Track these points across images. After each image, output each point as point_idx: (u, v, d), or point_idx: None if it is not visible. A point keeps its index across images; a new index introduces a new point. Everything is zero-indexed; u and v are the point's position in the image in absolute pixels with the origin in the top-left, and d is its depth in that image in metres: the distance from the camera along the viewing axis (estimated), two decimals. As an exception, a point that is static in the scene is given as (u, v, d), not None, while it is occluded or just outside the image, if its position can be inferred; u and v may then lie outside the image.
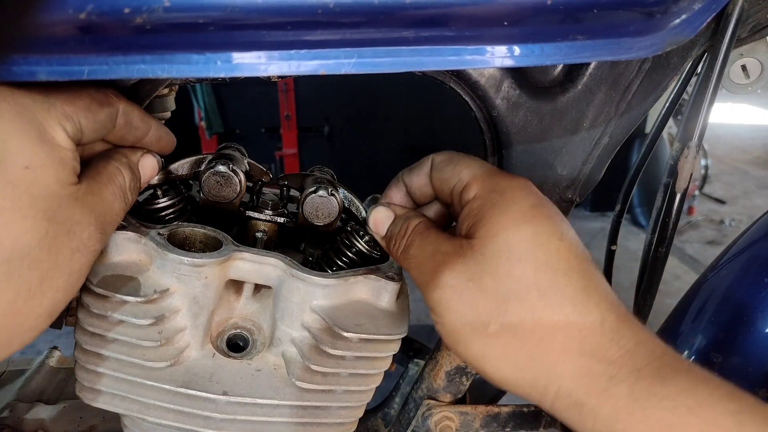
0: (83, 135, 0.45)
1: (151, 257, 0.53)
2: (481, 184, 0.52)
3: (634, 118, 0.62)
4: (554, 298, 0.47)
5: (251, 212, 0.62)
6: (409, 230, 0.54)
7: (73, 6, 0.38)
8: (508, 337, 0.47)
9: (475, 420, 0.80)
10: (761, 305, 0.69)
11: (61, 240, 0.42)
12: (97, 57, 0.41)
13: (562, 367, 0.46)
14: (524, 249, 0.48)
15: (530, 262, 0.47)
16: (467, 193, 0.52)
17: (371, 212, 0.58)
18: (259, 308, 0.60)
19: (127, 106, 0.50)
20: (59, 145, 0.42)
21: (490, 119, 0.61)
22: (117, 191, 0.48)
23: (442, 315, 0.49)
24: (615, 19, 0.47)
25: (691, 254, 3.90)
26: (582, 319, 0.47)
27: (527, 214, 0.49)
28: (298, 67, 0.43)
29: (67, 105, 0.44)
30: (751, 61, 0.65)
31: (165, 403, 0.55)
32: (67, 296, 0.44)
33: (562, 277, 0.48)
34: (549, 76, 0.60)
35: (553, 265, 0.48)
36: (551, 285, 0.47)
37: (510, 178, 0.52)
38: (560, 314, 0.47)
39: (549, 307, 0.47)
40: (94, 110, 0.46)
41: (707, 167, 4.70)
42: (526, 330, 0.47)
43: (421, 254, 0.52)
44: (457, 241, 0.51)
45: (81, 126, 0.45)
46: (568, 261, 0.48)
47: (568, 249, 0.49)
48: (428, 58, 0.45)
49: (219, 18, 0.40)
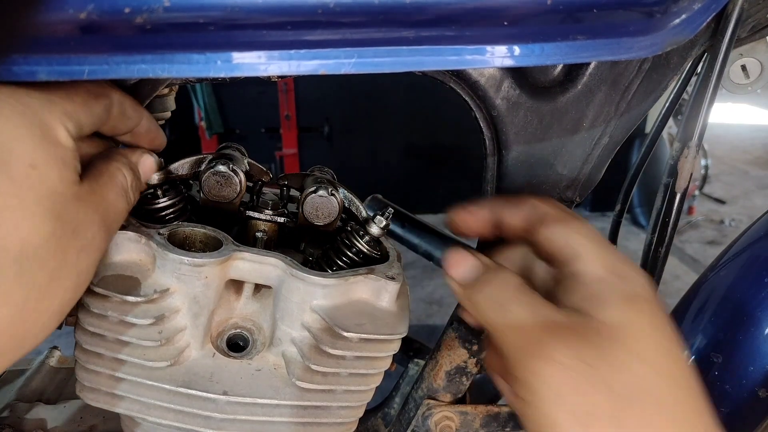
0: (82, 130, 0.45)
1: (151, 257, 0.53)
2: (600, 260, 0.47)
3: (634, 118, 0.62)
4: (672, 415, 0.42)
5: (251, 212, 0.62)
6: (509, 285, 0.48)
7: (73, 6, 0.38)
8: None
9: (475, 420, 0.80)
10: (761, 305, 0.69)
11: (67, 239, 0.41)
12: (97, 57, 0.41)
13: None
14: (654, 351, 0.43)
15: (657, 368, 0.42)
16: (581, 265, 0.47)
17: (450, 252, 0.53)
18: (259, 308, 0.60)
19: (120, 96, 0.50)
20: (62, 144, 0.42)
21: (490, 119, 0.61)
22: (119, 190, 0.48)
23: (540, 395, 0.42)
24: (615, 19, 0.47)
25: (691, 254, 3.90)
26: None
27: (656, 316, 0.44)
28: (298, 67, 0.43)
29: (66, 102, 0.43)
30: (751, 61, 0.65)
31: (165, 402, 0.55)
32: (76, 296, 0.44)
33: (681, 391, 0.43)
34: (549, 76, 0.60)
35: (676, 376, 0.43)
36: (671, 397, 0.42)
37: (629, 263, 0.47)
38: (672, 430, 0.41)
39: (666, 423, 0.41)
40: (91, 104, 0.46)
41: (707, 167, 4.70)
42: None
43: (524, 315, 0.45)
44: (571, 313, 0.44)
45: (81, 122, 0.45)
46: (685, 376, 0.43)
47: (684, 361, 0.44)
48: (428, 58, 0.45)
49: (219, 18, 0.40)
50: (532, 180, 0.63)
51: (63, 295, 0.42)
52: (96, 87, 0.47)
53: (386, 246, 0.64)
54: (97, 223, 0.45)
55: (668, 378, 0.42)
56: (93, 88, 0.47)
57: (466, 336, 0.78)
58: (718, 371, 0.71)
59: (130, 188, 0.50)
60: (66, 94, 0.44)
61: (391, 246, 0.64)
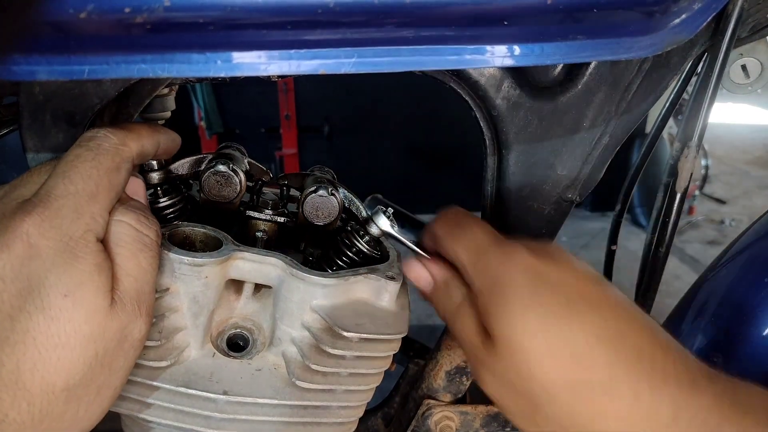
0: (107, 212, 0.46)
1: (151, 257, 0.53)
2: (478, 276, 0.51)
3: (634, 118, 0.62)
4: (584, 393, 0.44)
5: (251, 212, 0.62)
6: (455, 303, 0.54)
7: (74, 6, 0.38)
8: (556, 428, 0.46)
9: (475, 420, 0.80)
10: (761, 305, 0.69)
11: (113, 352, 0.44)
12: (97, 57, 0.41)
13: None
14: (537, 347, 0.45)
15: (547, 359, 0.45)
16: (470, 280, 0.52)
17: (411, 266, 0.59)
18: (259, 308, 0.60)
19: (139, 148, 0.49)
20: (90, 257, 0.42)
21: (490, 119, 0.61)
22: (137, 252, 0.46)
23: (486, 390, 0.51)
24: (615, 18, 0.47)
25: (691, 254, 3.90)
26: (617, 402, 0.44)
27: (527, 305, 0.46)
28: (298, 66, 0.43)
29: (92, 203, 0.44)
30: (751, 61, 0.65)
31: (165, 402, 0.55)
32: (122, 387, 0.47)
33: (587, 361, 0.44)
34: (549, 76, 0.60)
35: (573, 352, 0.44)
36: (577, 380, 0.44)
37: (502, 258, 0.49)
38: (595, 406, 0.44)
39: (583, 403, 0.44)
40: (115, 183, 0.46)
41: (707, 167, 4.70)
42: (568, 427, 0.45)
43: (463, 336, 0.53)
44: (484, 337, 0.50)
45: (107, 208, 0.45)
46: (587, 340, 0.45)
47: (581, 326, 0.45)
48: (428, 58, 0.45)
49: (219, 18, 0.40)
50: (532, 180, 0.63)
51: (112, 394, 0.46)
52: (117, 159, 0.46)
53: (386, 246, 0.64)
54: (140, 317, 0.45)
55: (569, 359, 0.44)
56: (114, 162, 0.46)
57: (466, 336, 0.78)
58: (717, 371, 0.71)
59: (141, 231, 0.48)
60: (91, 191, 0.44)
61: (391, 246, 0.64)
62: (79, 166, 0.44)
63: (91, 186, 0.44)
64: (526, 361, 0.45)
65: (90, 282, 0.42)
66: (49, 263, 0.40)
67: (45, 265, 0.40)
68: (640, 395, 0.43)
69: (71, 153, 0.45)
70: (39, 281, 0.40)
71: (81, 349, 0.41)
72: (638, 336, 0.45)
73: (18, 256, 0.40)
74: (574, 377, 0.44)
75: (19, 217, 0.41)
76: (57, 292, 0.40)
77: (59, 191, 0.42)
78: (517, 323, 0.46)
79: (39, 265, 0.40)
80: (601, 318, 0.46)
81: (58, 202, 0.42)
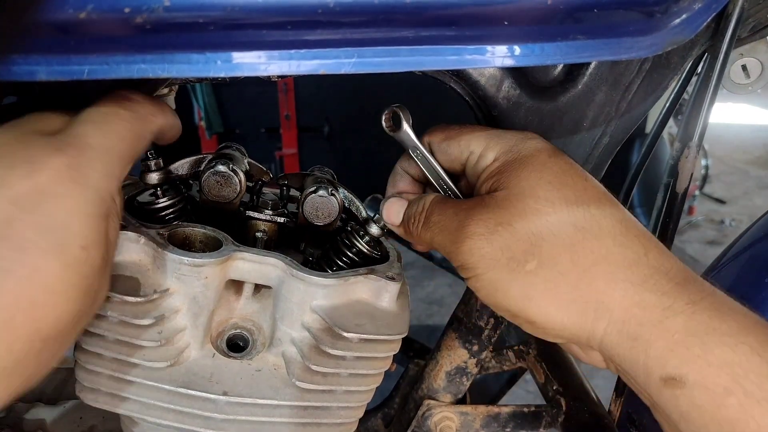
0: None
1: (151, 257, 0.53)
2: (496, 148, 0.53)
3: (634, 118, 0.61)
4: (592, 231, 0.46)
5: (251, 212, 0.62)
6: (426, 204, 0.55)
7: (73, 6, 0.38)
8: (549, 272, 0.46)
9: (475, 420, 0.80)
10: (761, 305, 0.69)
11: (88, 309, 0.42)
12: (97, 57, 0.40)
13: (611, 296, 0.44)
14: (551, 189, 0.48)
15: (560, 200, 0.47)
16: (483, 161, 0.53)
17: (384, 205, 0.59)
18: (259, 308, 0.60)
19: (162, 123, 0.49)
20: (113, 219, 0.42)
21: (491, 119, 0.61)
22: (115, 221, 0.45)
23: (475, 266, 0.48)
24: (615, 18, 0.47)
25: (691, 254, 3.90)
26: (624, 250, 0.45)
27: (547, 162, 0.50)
28: (298, 66, 0.43)
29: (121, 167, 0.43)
30: (752, 61, 0.65)
31: (165, 403, 0.55)
32: None
33: (596, 209, 0.47)
34: (549, 76, 0.60)
35: (584, 200, 0.47)
36: (585, 217, 0.46)
37: (520, 135, 0.53)
38: (601, 246, 0.45)
39: (588, 239, 0.46)
40: (138, 152, 0.46)
41: (707, 167, 4.70)
42: (566, 263, 0.46)
43: (443, 217, 0.52)
44: (478, 198, 0.51)
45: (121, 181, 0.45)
46: (599, 197, 0.48)
47: (595, 187, 0.49)
48: (428, 58, 0.45)
49: (219, 18, 0.40)
50: (533, 180, 0.63)
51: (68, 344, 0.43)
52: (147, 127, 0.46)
53: (386, 246, 0.64)
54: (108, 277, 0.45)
55: (574, 203, 0.47)
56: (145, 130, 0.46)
57: (466, 336, 0.78)
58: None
59: None
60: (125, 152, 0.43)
61: (391, 246, 0.64)
62: (115, 123, 0.43)
63: (123, 148, 0.43)
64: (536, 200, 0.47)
65: (102, 243, 0.41)
66: (75, 210, 0.38)
67: (71, 210, 0.38)
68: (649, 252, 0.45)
69: (107, 106, 0.44)
70: (61, 224, 0.38)
71: (74, 301, 0.39)
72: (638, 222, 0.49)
73: (42, 189, 0.37)
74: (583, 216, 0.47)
75: (47, 151, 0.38)
76: (77, 242, 0.38)
77: (94, 141, 0.41)
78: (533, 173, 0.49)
79: (64, 207, 0.38)
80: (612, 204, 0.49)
81: (92, 153, 0.40)
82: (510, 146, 0.52)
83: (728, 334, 0.41)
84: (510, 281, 0.47)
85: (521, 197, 0.48)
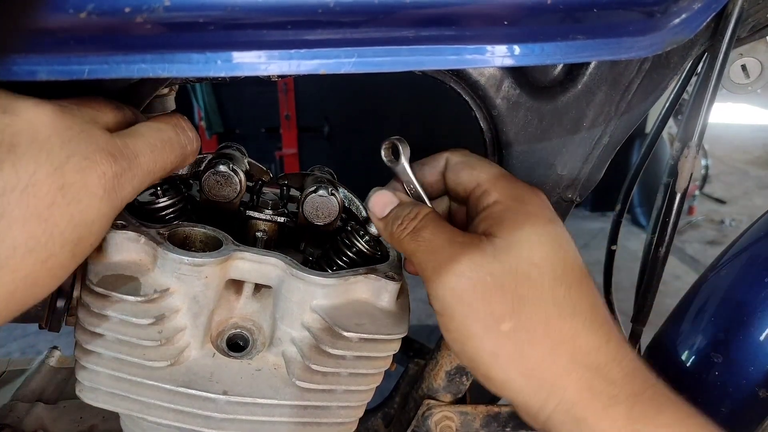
0: None
1: (152, 257, 0.53)
2: (501, 190, 0.53)
3: (634, 118, 0.62)
4: (567, 310, 0.48)
5: (251, 212, 0.62)
6: (420, 215, 0.53)
7: (74, 6, 0.38)
8: (521, 339, 0.47)
9: (475, 420, 0.80)
10: (761, 305, 0.69)
11: None
12: (98, 56, 0.41)
13: (568, 378, 0.47)
14: (544, 258, 0.49)
15: (548, 272, 0.48)
16: (487, 198, 0.53)
17: (372, 193, 0.58)
18: (259, 308, 0.60)
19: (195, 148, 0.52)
20: None
21: (491, 119, 0.61)
22: None
23: (452, 306, 0.49)
24: (615, 18, 0.47)
25: (691, 254, 3.90)
26: (591, 335, 0.48)
27: (548, 227, 0.51)
28: (298, 66, 0.43)
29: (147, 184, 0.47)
30: (751, 61, 0.65)
31: (165, 402, 0.55)
32: None
33: (576, 292, 0.49)
34: (549, 76, 0.60)
35: (568, 279, 0.49)
36: (565, 297, 0.48)
37: (528, 187, 0.54)
38: (572, 327, 0.47)
39: (562, 318, 0.47)
40: None
41: (707, 167, 4.69)
42: (539, 335, 0.47)
43: (435, 239, 0.51)
44: (475, 236, 0.50)
45: None
46: (580, 279, 0.50)
47: (581, 268, 0.51)
48: (428, 58, 0.45)
49: (219, 17, 0.40)
50: (532, 180, 0.63)
51: None
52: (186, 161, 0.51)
53: (386, 246, 0.64)
54: None
55: (560, 280, 0.48)
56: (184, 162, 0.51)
57: (466, 336, 0.78)
58: (718, 371, 0.70)
59: None
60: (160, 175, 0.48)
61: (391, 246, 0.64)
62: (166, 154, 0.47)
63: (160, 175, 0.48)
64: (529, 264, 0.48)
65: None
66: (102, 215, 0.42)
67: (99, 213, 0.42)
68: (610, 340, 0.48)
69: (164, 131, 0.48)
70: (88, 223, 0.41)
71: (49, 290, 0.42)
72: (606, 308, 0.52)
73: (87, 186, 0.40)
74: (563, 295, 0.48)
75: (104, 155, 0.42)
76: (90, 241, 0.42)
77: (143, 162, 0.45)
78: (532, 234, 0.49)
79: (97, 209, 0.41)
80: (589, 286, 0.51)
81: (138, 171, 0.44)
82: (515, 194, 0.52)
83: (665, 424, 0.45)
84: (482, 336, 0.48)
85: (517, 256, 0.48)
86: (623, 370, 0.47)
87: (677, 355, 0.75)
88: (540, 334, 0.47)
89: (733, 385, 0.70)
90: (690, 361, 0.74)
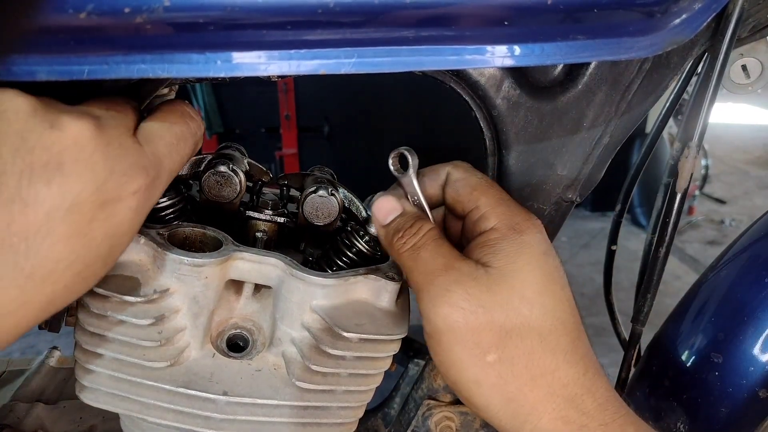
0: None
1: (151, 257, 0.53)
2: (499, 217, 0.54)
3: (635, 118, 0.61)
4: (551, 344, 0.50)
5: (251, 212, 0.62)
6: (422, 232, 0.54)
7: (73, 6, 0.38)
8: (504, 370, 0.50)
9: (475, 420, 0.80)
10: (761, 305, 0.69)
11: None
12: (97, 57, 0.40)
13: (545, 407, 0.50)
14: (536, 292, 0.51)
15: (538, 305, 0.50)
16: (485, 223, 0.54)
17: (377, 197, 0.58)
18: (259, 308, 0.60)
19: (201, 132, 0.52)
20: None
21: (491, 119, 0.61)
22: None
23: (441, 333, 0.51)
24: (615, 19, 0.47)
25: (691, 254, 3.90)
26: (569, 368, 0.50)
27: (541, 260, 0.52)
28: (298, 66, 0.43)
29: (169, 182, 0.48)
30: (752, 61, 0.65)
31: (165, 403, 0.55)
32: None
33: (561, 326, 0.51)
34: (549, 76, 0.60)
35: (557, 313, 0.51)
36: (550, 331, 0.50)
37: (526, 215, 0.55)
38: (553, 360, 0.50)
39: (545, 352, 0.50)
40: None
41: (707, 167, 4.70)
42: (521, 367, 0.50)
43: (433, 263, 0.52)
44: (471, 263, 0.52)
45: None
46: (567, 312, 0.52)
47: (568, 300, 0.53)
48: (428, 58, 0.45)
49: (219, 18, 0.40)
50: (533, 180, 0.63)
51: None
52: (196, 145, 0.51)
53: (386, 246, 0.64)
54: None
55: (548, 314, 0.51)
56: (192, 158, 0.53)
57: (466, 336, 0.78)
58: (718, 371, 0.71)
59: None
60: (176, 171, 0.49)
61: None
62: (184, 149, 0.49)
63: (180, 169, 0.49)
64: (521, 298, 0.50)
65: None
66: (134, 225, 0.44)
67: (132, 224, 0.44)
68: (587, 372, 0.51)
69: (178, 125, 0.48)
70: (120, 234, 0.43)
71: None
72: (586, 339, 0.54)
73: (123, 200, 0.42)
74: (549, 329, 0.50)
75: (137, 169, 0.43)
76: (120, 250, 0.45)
77: (168, 165, 0.46)
78: (526, 268, 0.51)
79: (129, 221, 0.43)
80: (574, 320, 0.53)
81: (165, 177, 0.46)
82: (513, 223, 0.53)
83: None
84: (468, 364, 0.50)
85: (510, 288, 0.50)
86: (597, 401, 0.50)
87: (677, 355, 0.75)
88: (522, 365, 0.50)
89: (733, 385, 0.70)
90: (690, 361, 0.74)
